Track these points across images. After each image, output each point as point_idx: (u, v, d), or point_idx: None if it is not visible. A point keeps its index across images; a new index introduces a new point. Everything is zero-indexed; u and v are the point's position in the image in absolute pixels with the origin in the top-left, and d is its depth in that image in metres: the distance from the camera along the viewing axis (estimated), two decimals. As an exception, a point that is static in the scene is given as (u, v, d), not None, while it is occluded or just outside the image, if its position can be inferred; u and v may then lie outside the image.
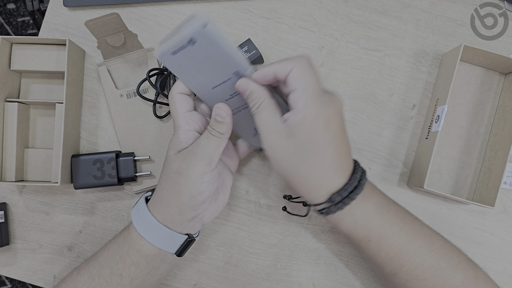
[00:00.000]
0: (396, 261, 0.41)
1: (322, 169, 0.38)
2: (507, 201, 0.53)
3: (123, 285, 0.42)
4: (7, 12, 1.30)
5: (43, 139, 0.53)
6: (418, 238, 0.41)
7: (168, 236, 0.41)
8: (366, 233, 0.41)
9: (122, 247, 0.42)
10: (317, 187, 0.39)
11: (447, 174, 0.53)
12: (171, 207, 0.40)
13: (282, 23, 0.55)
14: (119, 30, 0.49)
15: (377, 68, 0.54)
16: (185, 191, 0.39)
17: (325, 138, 0.37)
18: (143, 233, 0.41)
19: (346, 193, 0.39)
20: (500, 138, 0.51)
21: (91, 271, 0.43)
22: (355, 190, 0.39)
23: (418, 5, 0.55)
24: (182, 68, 0.40)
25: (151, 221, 0.41)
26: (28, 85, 0.53)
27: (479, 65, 0.53)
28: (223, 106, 0.40)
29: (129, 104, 0.52)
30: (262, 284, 0.52)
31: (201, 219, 0.43)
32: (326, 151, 0.38)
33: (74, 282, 0.43)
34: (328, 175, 0.39)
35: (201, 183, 0.39)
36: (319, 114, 0.37)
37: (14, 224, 0.52)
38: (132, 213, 0.43)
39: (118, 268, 0.42)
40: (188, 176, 0.39)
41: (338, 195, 0.39)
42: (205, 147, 0.39)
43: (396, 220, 0.41)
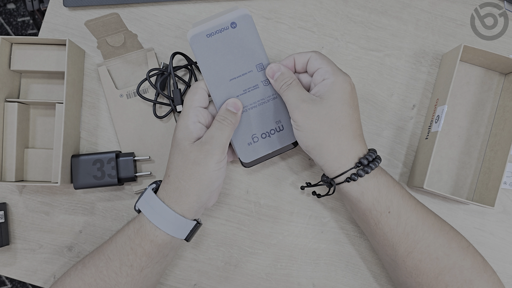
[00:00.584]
0: (412, 236, 0.42)
1: (351, 132, 0.42)
2: (507, 201, 0.53)
3: (133, 275, 0.43)
4: (7, 12, 1.30)
5: (43, 139, 0.53)
6: (430, 216, 0.43)
7: (183, 225, 0.43)
8: (387, 203, 0.42)
9: (133, 239, 0.43)
10: (346, 150, 0.42)
11: (447, 174, 0.53)
12: (190, 196, 0.42)
13: (282, 23, 0.55)
14: (119, 30, 0.49)
15: (377, 68, 0.54)
16: (205, 179, 0.42)
17: (352, 103, 0.42)
18: (158, 224, 0.42)
19: (372, 157, 0.42)
20: (500, 138, 0.51)
21: (98, 264, 0.43)
22: (375, 160, 0.42)
23: (418, 5, 0.55)
24: (208, 53, 0.43)
25: (167, 212, 0.42)
26: (28, 85, 0.53)
27: (479, 65, 0.53)
28: (236, 100, 0.44)
29: (129, 104, 0.52)
30: (262, 284, 0.52)
31: (208, 203, 0.46)
32: (354, 115, 0.42)
33: (80, 275, 0.44)
34: (356, 139, 0.42)
35: (218, 170, 0.42)
36: (345, 80, 0.42)
37: (14, 224, 0.52)
38: (140, 206, 0.44)
39: (128, 259, 0.43)
40: (206, 165, 0.42)
41: (365, 158, 0.42)
42: (220, 137, 0.42)
43: (410, 196, 0.44)
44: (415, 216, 0.42)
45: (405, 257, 0.43)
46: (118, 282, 0.42)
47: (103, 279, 0.43)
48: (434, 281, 0.42)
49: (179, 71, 0.54)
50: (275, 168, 0.53)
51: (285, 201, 0.53)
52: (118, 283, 0.42)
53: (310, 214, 0.52)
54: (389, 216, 0.43)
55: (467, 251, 0.42)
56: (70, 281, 0.44)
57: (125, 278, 0.43)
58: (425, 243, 0.42)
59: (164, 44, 0.54)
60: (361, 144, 0.43)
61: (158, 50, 0.54)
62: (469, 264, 0.42)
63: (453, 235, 0.43)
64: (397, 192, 0.43)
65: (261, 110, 0.46)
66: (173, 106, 0.51)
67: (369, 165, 0.42)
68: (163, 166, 0.52)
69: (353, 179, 0.42)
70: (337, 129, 0.41)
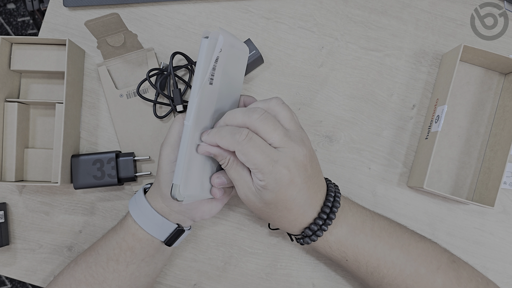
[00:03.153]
0: (376, 274, 0.43)
1: (290, 218, 0.41)
2: (506, 201, 0.53)
3: (119, 270, 0.43)
4: (7, 12, 1.30)
5: (43, 139, 0.53)
6: (395, 250, 0.43)
7: (160, 223, 0.43)
8: (342, 254, 0.43)
9: (118, 233, 0.44)
10: (288, 227, 0.42)
11: (446, 174, 0.53)
12: (157, 193, 0.43)
13: (282, 23, 0.55)
14: (119, 30, 0.49)
15: (377, 68, 0.54)
16: (161, 180, 0.41)
17: (289, 196, 0.38)
18: (136, 218, 0.43)
19: (317, 227, 0.41)
20: (500, 138, 0.51)
21: (88, 260, 0.44)
22: (326, 222, 0.41)
23: (418, 5, 0.55)
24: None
25: (146, 207, 0.43)
26: (28, 85, 0.53)
27: (479, 65, 0.53)
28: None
29: (129, 104, 0.52)
30: (262, 284, 0.52)
31: (190, 215, 0.44)
32: (293, 204, 0.39)
33: (72, 272, 0.44)
34: (297, 219, 0.41)
35: (171, 172, 0.41)
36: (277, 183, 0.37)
37: (14, 224, 0.52)
38: (129, 202, 0.45)
39: (114, 254, 0.43)
40: (159, 167, 0.42)
41: (309, 229, 0.41)
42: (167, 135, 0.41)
43: (370, 238, 0.43)
44: (375, 258, 0.42)
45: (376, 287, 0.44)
46: (106, 278, 0.43)
47: (92, 275, 0.43)
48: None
49: (179, 71, 0.54)
50: (275, 168, 0.53)
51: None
52: (106, 278, 0.43)
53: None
54: (348, 263, 0.44)
55: (437, 272, 0.42)
56: (62, 279, 0.44)
57: (112, 274, 0.43)
58: (391, 277, 0.42)
59: (164, 44, 0.54)
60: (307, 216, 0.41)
61: (158, 50, 0.54)
62: (440, 285, 0.42)
63: (421, 261, 0.42)
64: (350, 243, 0.42)
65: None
66: (173, 106, 0.51)
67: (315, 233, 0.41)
68: (163, 166, 0.52)
69: (301, 243, 0.44)
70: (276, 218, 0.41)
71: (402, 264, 0.42)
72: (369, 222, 0.43)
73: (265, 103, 0.39)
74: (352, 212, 0.43)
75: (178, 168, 0.38)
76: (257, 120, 0.36)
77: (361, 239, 0.42)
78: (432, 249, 0.44)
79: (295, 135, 0.38)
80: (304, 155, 0.38)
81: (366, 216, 0.44)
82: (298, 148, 0.37)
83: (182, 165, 0.37)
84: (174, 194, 0.37)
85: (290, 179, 0.37)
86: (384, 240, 0.43)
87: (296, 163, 0.37)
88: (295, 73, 0.54)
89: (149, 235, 0.43)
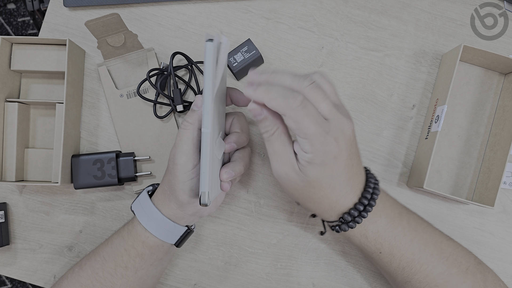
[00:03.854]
0: (408, 270, 0.42)
1: (332, 198, 0.39)
2: (506, 201, 0.53)
3: (128, 276, 0.43)
4: (7, 12, 1.30)
5: (43, 139, 0.53)
6: (429, 246, 0.42)
7: (172, 229, 0.42)
8: (377, 245, 0.41)
9: (126, 240, 0.43)
10: (328, 211, 0.40)
11: (446, 174, 0.53)
12: (172, 201, 0.41)
13: (282, 23, 0.55)
14: (119, 30, 0.49)
15: (377, 68, 0.54)
16: (177, 188, 0.40)
17: (335, 171, 0.37)
18: (146, 225, 0.42)
19: (357, 212, 0.39)
20: (499, 138, 0.51)
21: (94, 266, 0.43)
22: (366, 208, 0.40)
23: (418, 5, 0.55)
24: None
25: (156, 214, 0.42)
26: (28, 85, 0.53)
27: (479, 65, 0.53)
28: (200, 97, 0.39)
29: (129, 104, 0.52)
30: (262, 284, 0.52)
31: (201, 213, 0.44)
32: (336, 183, 0.37)
33: (77, 278, 0.44)
34: (338, 201, 0.39)
35: (189, 180, 0.39)
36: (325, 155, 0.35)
37: (14, 224, 0.52)
38: (134, 207, 0.44)
39: (123, 261, 0.43)
40: (175, 175, 0.40)
41: (348, 215, 0.40)
42: (180, 144, 0.39)
43: (407, 231, 0.41)
44: (410, 252, 0.41)
45: (404, 284, 0.43)
46: (114, 284, 0.43)
47: (99, 281, 0.43)
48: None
49: (179, 71, 0.54)
50: (275, 168, 0.53)
51: (285, 201, 0.53)
52: (114, 284, 0.43)
53: (310, 214, 0.52)
54: (381, 256, 0.43)
55: (466, 273, 0.42)
56: (67, 284, 0.44)
57: (120, 280, 0.43)
58: (423, 274, 0.42)
59: (164, 44, 0.54)
60: (347, 200, 0.39)
61: (158, 50, 0.54)
62: (469, 286, 0.41)
63: (453, 260, 0.42)
64: (388, 235, 0.41)
65: None
66: (173, 106, 0.51)
67: (354, 220, 0.40)
68: (163, 166, 0.52)
69: (337, 231, 0.42)
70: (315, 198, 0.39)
71: (435, 262, 0.41)
72: (405, 215, 0.42)
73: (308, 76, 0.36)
74: (390, 203, 0.42)
75: (204, 176, 0.37)
76: (307, 88, 0.34)
77: (399, 232, 0.41)
78: (461, 249, 0.43)
79: (342, 108, 0.37)
80: (351, 129, 0.36)
81: (402, 209, 0.43)
82: (346, 121, 0.36)
83: (207, 173, 0.37)
84: (204, 201, 0.37)
85: (337, 152, 0.35)
86: (419, 235, 0.42)
87: (344, 136, 0.35)
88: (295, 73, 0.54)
89: (160, 240, 0.42)
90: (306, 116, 0.33)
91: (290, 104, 0.33)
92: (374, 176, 0.42)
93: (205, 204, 0.37)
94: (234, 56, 0.51)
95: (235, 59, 0.51)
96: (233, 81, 0.54)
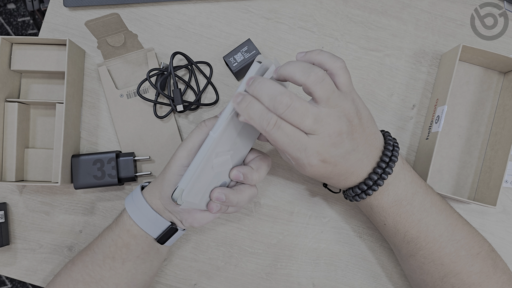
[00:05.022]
0: (413, 245, 0.43)
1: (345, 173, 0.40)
2: (506, 201, 0.53)
3: (115, 268, 0.43)
4: (7, 12, 1.30)
5: (43, 139, 0.53)
6: (439, 227, 0.42)
7: (153, 219, 0.42)
8: (381, 218, 0.43)
9: (114, 230, 0.44)
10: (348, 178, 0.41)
11: (448, 174, 0.53)
12: (156, 189, 0.43)
13: (282, 23, 0.55)
14: (119, 30, 0.49)
15: (377, 68, 0.54)
16: (166, 178, 0.41)
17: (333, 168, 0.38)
18: (131, 212, 0.43)
19: (367, 186, 0.41)
20: (500, 137, 0.51)
21: (85, 259, 0.44)
22: (372, 187, 0.41)
23: (418, 5, 0.55)
24: None
25: (141, 202, 0.43)
26: (28, 85, 0.53)
27: (478, 65, 0.53)
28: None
29: (129, 104, 0.52)
30: (262, 284, 0.52)
31: (181, 217, 0.43)
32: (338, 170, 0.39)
33: (69, 272, 0.44)
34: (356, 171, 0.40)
35: (179, 175, 0.40)
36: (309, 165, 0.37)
37: (14, 224, 0.52)
38: (126, 198, 0.45)
39: (110, 251, 0.43)
40: (169, 165, 0.41)
41: (358, 188, 0.41)
42: (187, 139, 0.41)
43: (416, 211, 0.42)
44: (416, 230, 0.42)
45: (408, 257, 0.45)
46: (103, 276, 0.43)
47: (89, 274, 0.43)
48: (440, 282, 0.43)
49: (179, 71, 0.54)
50: (275, 168, 0.53)
51: (285, 201, 0.53)
52: (103, 277, 0.43)
53: (310, 214, 0.52)
54: (385, 228, 0.44)
55: (476, 258, 0.42)
56: (60, 280, 0.44)
57: (109, 272, 0.43)
58: (428, 252, 0.42)
59: (164, 44, 0.54)
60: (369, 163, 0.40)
61: (158, 50, 0.54)
62: (477, 270, 0.42)
63: (464, 243, 0.42)
64: (393, 212, 0.42)
65: None
66: (173, 106, 0.51)
67: (362, 193, 0.41)
68: (163, 166, 0.52)
69: (350, 200, 0.44)
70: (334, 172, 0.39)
71: (443, 242, 0.42)
72: (421, 195, 0.43)
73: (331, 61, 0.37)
74: (406, 182, 0.42)
75: (188, 173, 0.37)
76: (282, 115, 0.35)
77: (407, 211, 0.42)
78: (476, 234, 0.44)
79: (346, 95, 0.37)
80: (339, 128, 0.36)
81: (420, 188, 0.43)
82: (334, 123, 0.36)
83: (193, 172, 0.37)
84: (175, 197, 0.37)
85: (321, 160, 0.37)
86: (431, 216, 0.42)
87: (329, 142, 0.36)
88: (295, 73, 0.54)
89: (143, 231, 0.43)
90: (279, 138, 0.35)
91: (264, 127, 0.34)
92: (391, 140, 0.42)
93: (175, 201, 0.37)
94: (234, 56, 0.51)
95: (235, 59, 0.51)
96: (233, 81, 0.54)
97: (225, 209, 0.42)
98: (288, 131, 0.34)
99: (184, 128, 0.53)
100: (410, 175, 0.43)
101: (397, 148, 0.41)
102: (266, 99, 0.34)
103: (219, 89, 0.54)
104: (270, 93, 0.34)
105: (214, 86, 0.53)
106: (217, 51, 0.54)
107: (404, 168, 0.42)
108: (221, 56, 0.54)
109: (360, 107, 0.38)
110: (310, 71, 0.34)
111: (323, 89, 0.34)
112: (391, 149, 0.41)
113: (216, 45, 0.54)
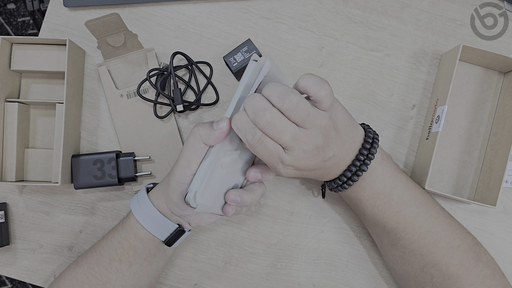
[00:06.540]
0: (392, 235, 0.45)
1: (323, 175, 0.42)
2: (506, 201, 0.53)
3: (122, 270, 0.43)
4: (7, 12, 1.30)
5: (43, 139, 0.53)
6: (418, 219, 0.44)
7: (160, 222, 0.43)
8: (360, 209, 0.45)
9: (120, 233, 0.44)
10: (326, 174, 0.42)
11: (448, 174, 0.53)
12: (162, 195, 0.43)
13: (282, 23, 0.55)
14: (119, 30, 0.49)
15: (377, 68, 0.54)
16: (171, 185, 0.41)
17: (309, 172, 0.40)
18: (138, 216, 0.43)
19: (346, 178, 0.42)
20: (500, 137, 0.51)
21: (90, 261, 0.44)
22: (348, 181, 0.42)
23: (418, 5, 0.55)
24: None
25: (148, 206, 0.43)
26: (28, 85, 0.53)
27: (478, 65, 0.53)
28: (225, 120, 0.38)
29: (129, 104, 0.52)
30: (262, 284, 0.52)
31: (189, 219, 0.44)
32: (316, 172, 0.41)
33: (73, 274, 0.44)
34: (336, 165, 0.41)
35: (183, 184, 0.39)
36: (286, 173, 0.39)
37: (14, 224, 0.52)
38: (131, 200, 0.45)
39: (117, 254, 0.43)
40: (173, 173, 0.41)
41: (339, 180, 0.43)
42: (184, 149, 0.40)
43: (394, 204, 0.44)
44: (394, 222, 0.44)
45: (389, 247, 0.46)
46: (109, 278, 0.43)
47: (95, 276, 0.43)
48: (420, 272, 0.44)
49: (179, 71, 0.54)
50: (275, 168, 0.53)
51: (285, 201, 0.53)
52: (109, 279, 0.43)
53: (310, 214, 0.52)
54: (366, 218, 0.46)
55: (456, 250, 0.43)
56: (64, 281, 0.44)
57: (115, 274, 0.43)
58: (407, 242, 0.44)
59: (164, 44, 0.54)
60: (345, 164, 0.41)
61: (158, 50, 0.54)
62: (457, 262, 0.43)
63: (444, 235, 0.43)
64: (371, 204, 0.44)
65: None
66: (173, 106, 0.51)
67: (338, 187, 0.43)
68: (163, 166, 0.52)
69: (334, 191, 0.46)
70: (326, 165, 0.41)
71: (422, 234, 0.43)
72: (400, 189, 0.44)
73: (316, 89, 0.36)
74: (384, 177, 0.43)
75: (199, 174, 0.37)
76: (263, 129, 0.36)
77: (384, 203, 0.43)
78: (459, 227, 0.45)
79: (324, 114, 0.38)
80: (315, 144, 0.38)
81: (400, 182, 0.44)
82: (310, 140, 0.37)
83: (204, 172, 0.37)
84: (188, 200, 0.37)
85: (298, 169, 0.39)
86: (410, 208, 0.43)
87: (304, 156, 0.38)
88: (295, 73, 0.54)
89: (151, 234, 0.43)
90: (261, 151, 0.37)
91: (249, 140, 0.36)
92: (371, 142, 0.42)
93: (189, 204, 0.37)
94: (234, 56, 0.51)
95: (235, 59, 0.51)
96: (233, 81, 0.54)
97: (240, 211, 0.43)
98: (269, 146, 0.37)
99: (184, 128, 0.53)
100: (390, 170, 0.44)
101: (376, 145, 0.42)
102: (251, 112, 0.36)
103: (219, 89, 0.54)
104: (254, 108, 0.36)
105: (214, 86, 0.53)
106: (217, 51, 0.54)
107: (382, 164, 0.43)
108: (221, 56, 0.54)
109: (337, 118, 0.39)
110: (285, 98, 0.35)
111: (297, 115, 0.36)
112: (369, 147, 0.42)
113: (216, 45, 0.54)
